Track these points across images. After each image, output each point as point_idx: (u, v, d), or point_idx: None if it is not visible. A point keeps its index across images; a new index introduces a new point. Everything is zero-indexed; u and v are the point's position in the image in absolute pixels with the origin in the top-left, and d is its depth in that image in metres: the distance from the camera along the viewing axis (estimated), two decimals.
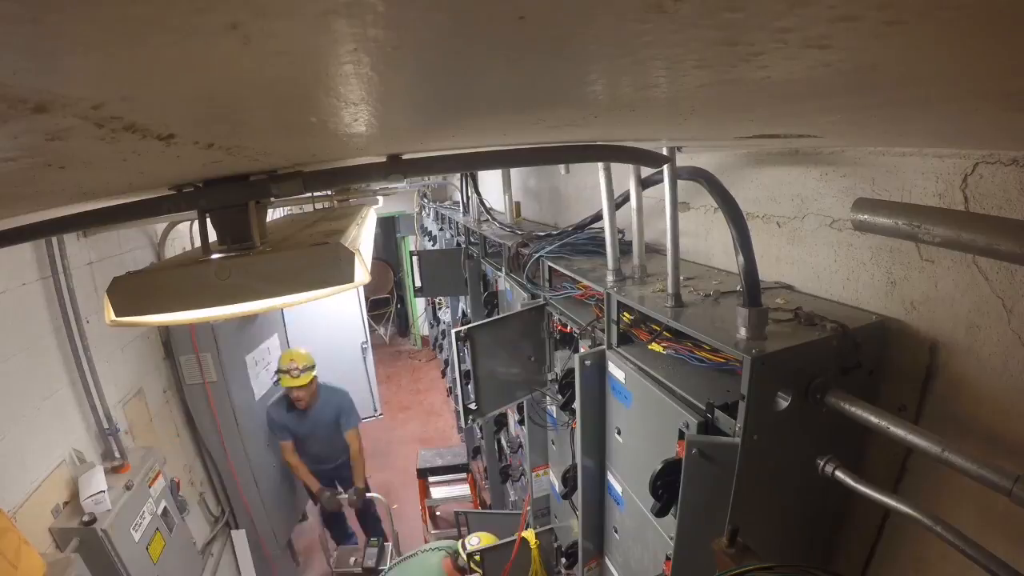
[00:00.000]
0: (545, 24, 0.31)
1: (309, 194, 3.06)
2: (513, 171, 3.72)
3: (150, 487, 2.96)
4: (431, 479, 5.17)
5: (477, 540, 3.25)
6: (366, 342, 6.69)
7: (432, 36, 0.32)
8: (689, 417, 1.32)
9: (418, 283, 4.55)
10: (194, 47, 0.29)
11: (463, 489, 5.14)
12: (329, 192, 3.57)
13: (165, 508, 3.04)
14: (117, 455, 2.92)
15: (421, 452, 5.55)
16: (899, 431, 1.05)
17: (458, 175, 4.54)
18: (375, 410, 6.83)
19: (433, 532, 5.09)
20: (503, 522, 3.46)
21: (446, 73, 0.43)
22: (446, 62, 0.39)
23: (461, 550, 3.19)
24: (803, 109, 0.72)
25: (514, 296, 2.76)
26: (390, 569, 3.45)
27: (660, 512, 1.37)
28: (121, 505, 2.64)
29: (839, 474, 1.19)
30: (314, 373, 4.39)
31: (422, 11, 0.28)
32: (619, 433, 1.77)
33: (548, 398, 2.51)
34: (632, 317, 1.72)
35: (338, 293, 1.09)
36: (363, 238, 1.93)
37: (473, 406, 2.35)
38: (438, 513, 5.31)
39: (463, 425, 3.48)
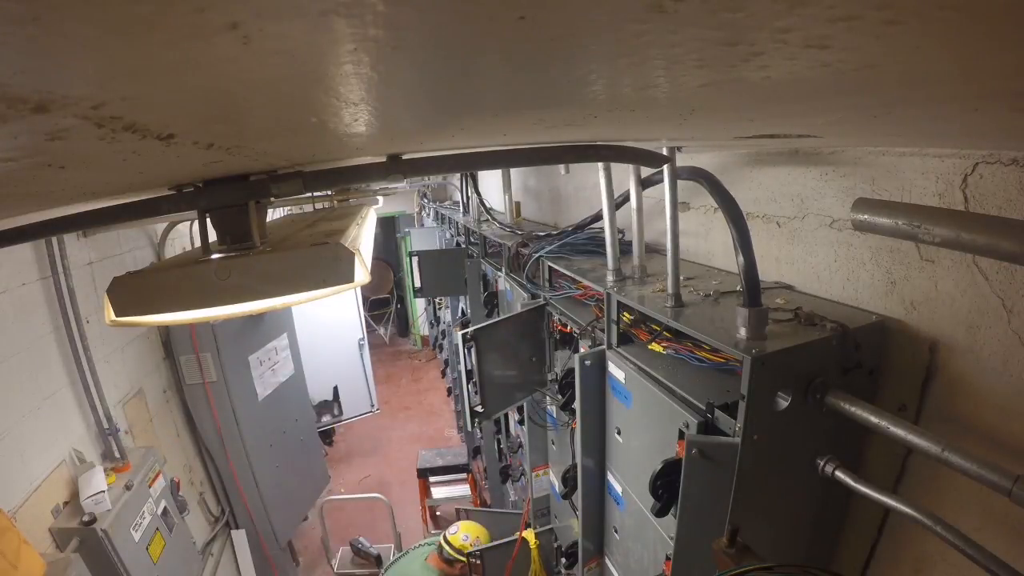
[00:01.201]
0: (545, 24, 0.31)
1: (309, 194, 3.06)
2: (513, 171, 3.72)
3: (150, 487, 2.96)
4: (432, 479, 5.17)
5: (456, 528, 3.25)
6: (363, 339, 6.74)
7: (432, 36, 0.32)
8: (689, 417, 1.32)
9: (418, 283, 4.54)
10: (194, 47, 0.29)
11: (463, 489, 5.15)
12: (329, 192, 3.57)
13: (165, 508, 3.04)
14: (117, 455, 2.92)
15: (421, 452, 5.55)
16: (899, 431, 1.05)
17: (458, 175, 4.53)
18: (372, 405, 6.87)
19: (433, 532, 5.09)
20: (503, 522, 3.46)
21: (446, 73, 0.43)
22: (446, 62, 0.39)
23: (444, 543, 3.22)
24: (803, 109, 0.72)
25: (514, 296, 2.76)
26: (386, 570, 3.46)
27: (660, 512, 1.37)
28: (121, 505, 2.64)
29: (839, 474, 1.19)
30: None
31: (422, 11, 0.28)
32: (619, 433, 1.77)
33: (548, 398, 2.50)
34: (632, 317, 1.71)
35: (338, 293, 1.09)
36: (363, 238, 1.93)
37: (479, 408, 2.33)
38: (439, 513, 5.31)
39: (468, 428, 3.45)
